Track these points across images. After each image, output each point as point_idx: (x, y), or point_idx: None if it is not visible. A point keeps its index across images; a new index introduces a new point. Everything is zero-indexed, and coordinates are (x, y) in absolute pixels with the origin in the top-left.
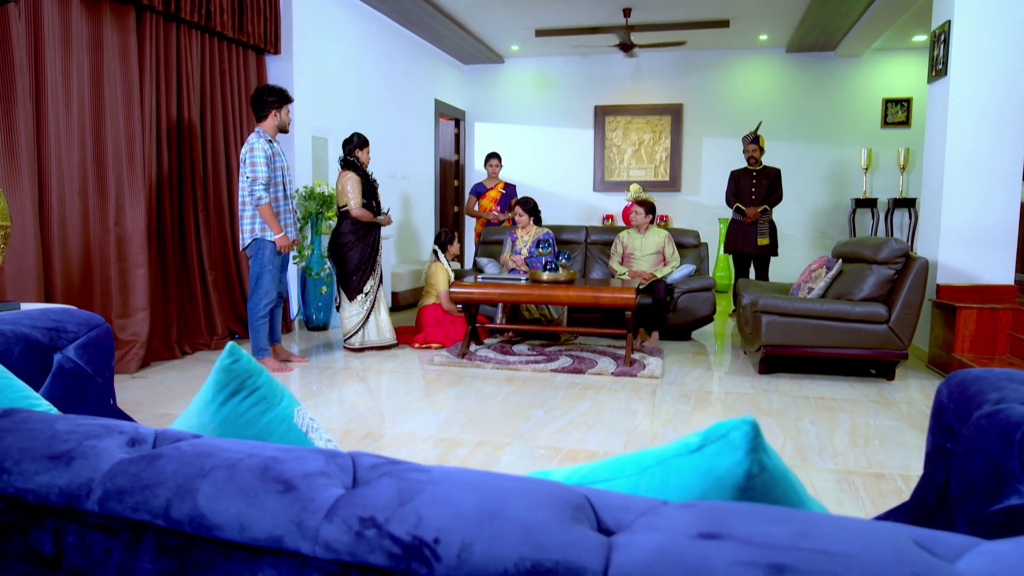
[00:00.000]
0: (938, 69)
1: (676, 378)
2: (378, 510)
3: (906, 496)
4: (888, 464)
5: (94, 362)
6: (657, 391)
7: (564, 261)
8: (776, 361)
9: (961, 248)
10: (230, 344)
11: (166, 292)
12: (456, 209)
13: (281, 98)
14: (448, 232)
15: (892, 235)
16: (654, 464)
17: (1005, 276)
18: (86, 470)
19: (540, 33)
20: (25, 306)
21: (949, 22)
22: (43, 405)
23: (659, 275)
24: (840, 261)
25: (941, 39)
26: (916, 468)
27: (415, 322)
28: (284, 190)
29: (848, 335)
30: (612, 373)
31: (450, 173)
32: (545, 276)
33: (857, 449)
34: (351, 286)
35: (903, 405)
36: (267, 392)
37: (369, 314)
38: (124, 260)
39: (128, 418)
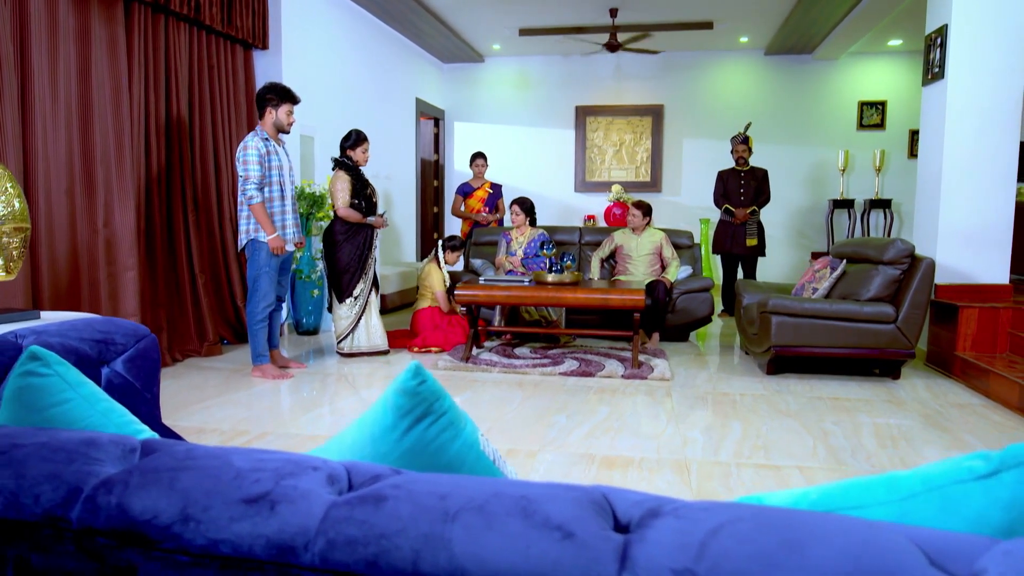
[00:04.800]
0: (934, 72)
1: (686, 380)
2: (690, 560)
3: None
4: (922, 464)
5: (142, 376)
6: (672, 394)
7: (568, 262)
8: (783, 361)
9: (958, 248)
10: (414, 364)
11: (155, 296)
12: (436, 210)
13: (280, 96)
14: (460, 241)
15: (868, 235)
16: (922, 491)
17: (1000, 276)
18: (297, 516)
19: (524, 32)
20: (45, 315)
21: (946, 26)
22: (146, 432)
23: (670, 277)
24: (844, 262)
25: (937, 43)
26: None
27: (410, 326)
28: (281, 190)
29: (856, 335)
30: (622, 376)
31: (430, 173)
32: (550, 278)
33: (888, 450)
34: (341, 288)
35: (916, 404)
36: (453, 417)
37: (359, 319)
38: (113, 263)
39: (179, 437)
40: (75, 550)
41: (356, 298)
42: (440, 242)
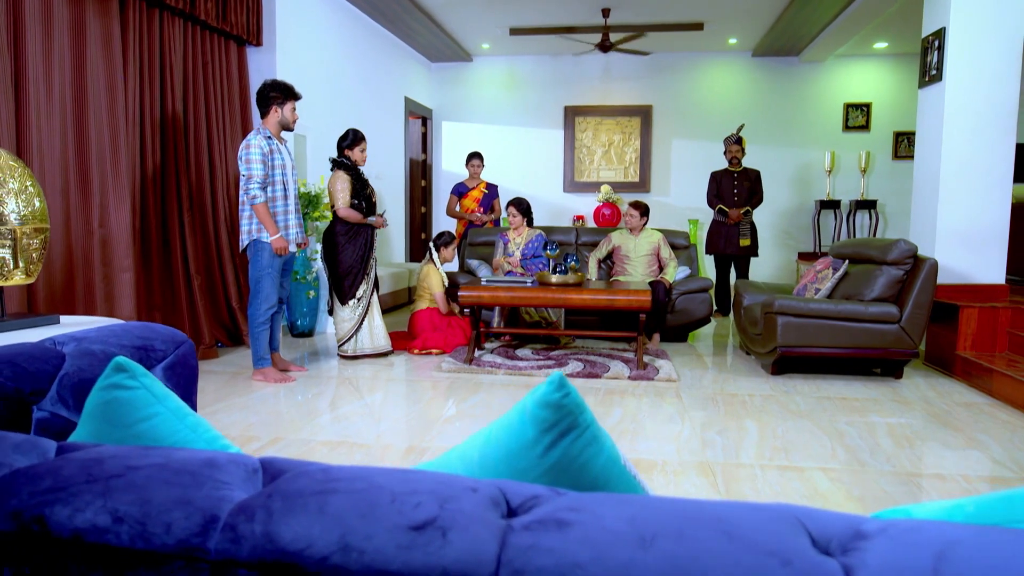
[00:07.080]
0: (931, 75)
1: (693, 381)
2: None
3: None
4: (942, 465)
5: (182, 384)
6: (681, 395)
7: (573, 263)
8: (786, 362)
9: (955, 249)
10: (557, 375)
11: (150, 298)
12: (424, 210)
13: (285, 94)
14: (449, 235)
15: (854, 235)
16: None
17: (997, 276)
18: (474, 544)
19: (515, 32)
20: (65, 319)
21: (944, 29)
22: (233, 447)
23: (669, 278)
24: (846, 262)
25: (935, 45)
26: (972, 468)
27: (408, 327)
28: (284, 190)
29: (861, 335)
30: (629, 377)
31: (418, 173)
32: (554, 279)
33: (905, 450)
34: (343, 290)
35: (923, 404)
36: (596, 431)
37: (362, 320)
38: (109, 264)
39: None
40: None
41: (359, 300)
42: (431, 244)
